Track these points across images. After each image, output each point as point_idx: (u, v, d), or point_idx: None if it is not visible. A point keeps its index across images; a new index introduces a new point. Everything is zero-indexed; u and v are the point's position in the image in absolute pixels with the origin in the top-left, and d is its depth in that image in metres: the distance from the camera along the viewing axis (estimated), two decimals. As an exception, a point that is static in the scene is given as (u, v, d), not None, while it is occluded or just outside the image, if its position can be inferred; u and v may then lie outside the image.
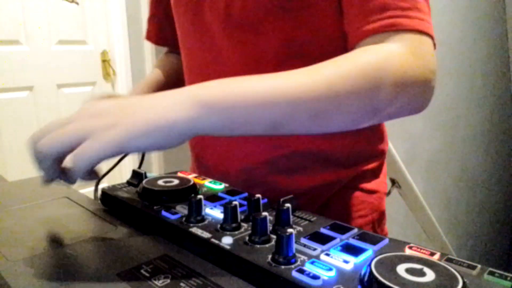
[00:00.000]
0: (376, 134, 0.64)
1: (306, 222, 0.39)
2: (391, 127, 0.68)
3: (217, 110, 0.39)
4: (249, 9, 0.53)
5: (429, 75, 0.46)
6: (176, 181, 0.47)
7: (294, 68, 0.52)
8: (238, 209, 0.37)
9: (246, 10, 0.53)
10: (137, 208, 0.43)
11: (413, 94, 0.46)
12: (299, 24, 0.52)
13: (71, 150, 0.37)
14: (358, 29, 0.48)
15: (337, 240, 0.34)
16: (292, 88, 0.41)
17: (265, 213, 0.35)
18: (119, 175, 1.28)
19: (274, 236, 0.35)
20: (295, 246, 0.32)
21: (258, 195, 0.40)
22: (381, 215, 0.63)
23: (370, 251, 0.32)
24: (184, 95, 0.40)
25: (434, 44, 0.49)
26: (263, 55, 0.55)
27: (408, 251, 0.32)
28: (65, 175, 0.39)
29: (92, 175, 0.41)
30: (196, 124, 0.39)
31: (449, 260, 0.30)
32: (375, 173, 0.65)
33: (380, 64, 0.44)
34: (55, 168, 0.38)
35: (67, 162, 0.38)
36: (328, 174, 0.60)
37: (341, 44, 0.52)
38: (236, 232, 0.36)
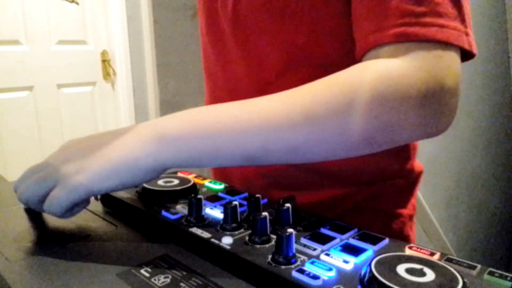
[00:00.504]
0: (398, 149, 0.52)
1: (306, 222, 0.39)
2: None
3: (182, 143, 0.38)
4: (255, 6, 0.51)
5: (442, 93, 0.39)
6: (176, 181, 0.47)
7: (297, 76, 0.50)
8: (238, 209, 0.37)
9: (252, 6, 0.51)
10: (137, 208, 0.43)
11: (420, 115, 0.39)
12: (301, 27, 0.49)
13: (47, 194, 0.39)
14: (364, 39, 0.42)
15: (337, 240, 0.34)
16: (264, 120, 0.38)
17: (265, 213, 0.35)
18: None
19: (274, 236, 0.35)
20: (295, 246, 0.32)
21: (258, 195, 0.40)
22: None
23: (370, 251, 0.32)
24: (146, 130, 0.39)
25: (471, 53, 0.42)
26: (266, 58, 0.53)
27: (408, 251, 0.32)
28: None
29: (77, 208, 0.41)
30: (161, 159, 0.38)
31: (449, 260, 0.30)
32: (400, 194, 0.58)
33: (355, 83, 0.38)
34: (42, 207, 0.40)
35: (44, 207, 0.39)
36: (332, 191, 0.55)
37: (349, 50, 0.46)
38: (236, 232, 0.36)
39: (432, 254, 0.31)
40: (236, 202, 0.38)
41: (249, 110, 0.39)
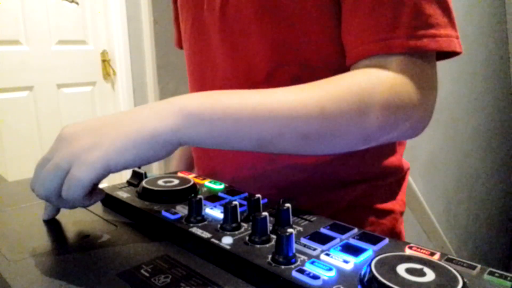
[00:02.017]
0: (385, 148, 0.58)
1: (306, 222, 0.39)
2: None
3: (203, 120, 0.38)
4: (242, 7, 0.52)
5: (427, 102, 0.45)
6: (176, 181, 0.47)
7: (285, 77, 0.51)
8: (238, 209, 0.37)
9: (239, 8, 0.52)
10: (137, 208, 0.43)
11: (405, 119, 0.44)
12: (291, 27, 0.50)
13: (63, 183, 0.37)
14: (356, 48, 0.46)
15: (337, 240, 0.34)
16: (283, 107, 0.40)
17: (265, 213, 0.35)
18: (119, 175, 1.28)
19: (274, 236, 0.35)
20: (295, 246, 0.32)
21: (258, 195, 0.40)
22: (395, 238, 0.58)
23: (370, 251, 0.32)
24: (168, 105, 0.39)
25: (456, 52, 0.45)
26: (254, 59, 0.53)
27: (408, 251, 0.32)
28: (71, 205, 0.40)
29: (95, 197, 0.40)
30: (180, 133, 0.38)
31: (449, 260, 0.30)
32: (390, 192, 0.60)
33: (369, 89, 0.42)
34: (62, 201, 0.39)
35: (63, 195, 0.37)
36: (329, 193, 0.56)
37: (338, 51, 0.50)
38: (236, 232, 0.36)
39: (432, 254, 0.31)
40: (236, 202, 0.38)
41: (267, 96, 0.41)
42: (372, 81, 0.43)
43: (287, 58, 0.52)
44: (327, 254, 0.32)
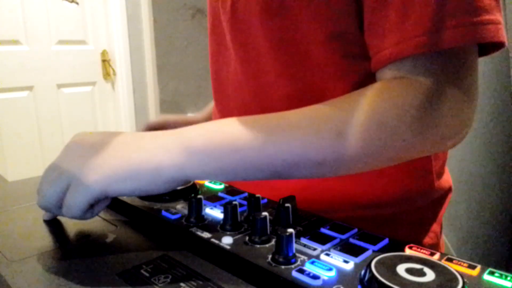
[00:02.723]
0: (412, 166, 0.49)
1: (306, 222, 0.39)
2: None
3: (210, 157, 0.36)
4: (250, 8, 0.50)
5: (461, 116, 0.40)
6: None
7: (298, 74, 0.49)
8: (238, 209, 0.37)
9: (248, 8, 0.50)
10: (137, 208, 0.43)
11: (438, 137, 0.39)
12: (299, 26, 0.48)
13: (63, 196, 0.37)
14: (383, 50, 0.40)
15: (337, 240, 0.34)
16: (295, 137, 0.37)
17: (265, 213, 0.35)
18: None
19: (274, 236, 0.35)
20: (295, 246, 0.32)
21: (258, 195, 0.40)
22: None
23: (370, 251, 0.32)
24: (170, 138, 0.37)
25: (502, 43, 0.38)
26: (264, 59, 0.51)
27: (408, 251, 0.32)
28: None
29: (97, 208, 0.39)
30: (185, 171, 0.36)
31: (449, 260, 0.30)
32: (420, 219, 0.53)
33: (395, 110, 0.37)
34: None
35: (63, 212, 0.37)
36: (346, 216, 0.49)
37: (349, 52, 0.46)
38: (236, 232, 0.36)
39: (432, 254, 0.31)
40: (236, 202, 0.38)
41: (276, 124, 0.38)
42: (400, 102, 0.37)
43: (294, 58, 0.49)
44: (327, 254, 0.32)
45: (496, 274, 0.28)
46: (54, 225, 0.43)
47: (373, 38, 0.41)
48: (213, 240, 0.35)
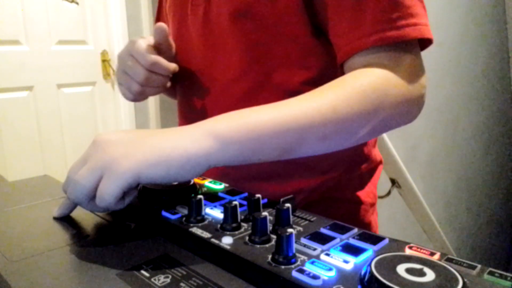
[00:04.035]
0: None
1: (306, 222, 0.39)
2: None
3: (232, 142, 0.40)
4: (221, 12, 0.57)
5: (422, 90, 0.49)
6: (176, 181, 0.47)
7: (258, 73, 0.57)
8: (238, 209, 0.37)
9: (219, 13, 0.57)
10: (137, 208, 0.43)
11: (407, 111, 0.49)
12: (263, 30, 0.55)
13: (96, 187, 0.38)
14: (344, 47, 0.50)
15: (337, 240, 0.34)
16: (301, 115, 0.43)
17: (265, 213, 0.35)
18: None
19: (274, 236, 0.35)
20: (295, 246, 0.32)
21: (258, 195, 0.40)
22: (366, 228, 0.60)
23: (370, 251, 0.32)
24: (198, 129, 0.40)
25: (430, 40, 0.50)
26: (230, 58, 0.58)
27: (408, 251, 0.32)
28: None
29: (128, 198, 0.40)
30: (212, 157, 0.39)
31: (449, 260, 0.30)
32: (360, 182, 0.63)
33: (380, 88, 0.46)
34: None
35: (96, 202, 0.38)
36: (299, 181, 0.59)
37: (310, 52, 0.55)
38: (236, 232, 0.36)
39: (432, 254, 0.31)
40: (236, 202, 0.38)
41: (284, 108, 0.43)
42: (381, 80, 0.46)
43: (259, 57, 0.56)
44: (327, 254, 0.32)
45: (496, 274, 0.28)
46: (54, 225, 0.43)
47: (336, 38, 0.51)
48: (213, 240, 0.35)
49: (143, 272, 0.32)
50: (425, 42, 0.51)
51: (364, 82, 0.46)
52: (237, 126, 0.41)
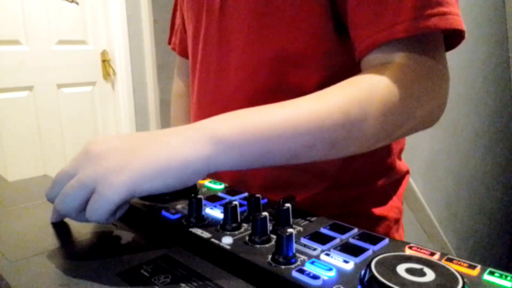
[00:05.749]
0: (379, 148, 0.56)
1: (306, 222, 0.39)
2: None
3: (234, 145, 0.37)
4: (239, 8, 0.54)
5: (443, 98, 0.46)
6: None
7: (279, 71, 0.53)
8: (238, 209, 0.37)
9: (237, 9, 0.54)
10: (137, 208, 0.43)
11: (426, 113, 0.45)
12: (281, 26, 0.52)
13: (87, 200, 0.36)
14: (362, 42, 0.46)
15: (337, 240, 0.34)
16: (309, 119, 0.40)
17: (265, 213, 0.35)
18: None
19: (274, 236, 0.35)
20: (295, 246, 0.32)
21: (258, 195, 0.40)
22: None
23: (370, 251, 0.32)
24: (197, 131, 0.38)
25: (463, 34, 0.45)
26: (245, 55, 0.55)
27: (408, 251, 0.32)
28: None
29: (119, 212, 0.38)
30: (212, 162, 0.37)
31: (449, 260, 0.30)
32: (383, 195, 0.58)
33: (391, 89, 0.42)
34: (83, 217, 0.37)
35: (87, 215, 0.36)
36: (316, 194, 0.55)
37: (327, 49, 0.51)
38: (236, 232, 0.36)
39: (432, 254, 0.31)
40: (236, 202, 0.38)
41: (292, 111, 0.40)
42: (392, 80, 0.43)
43: (274, 55, 0.53)
44: (327, 254, 0.32)
45: (496, 274, 0.28)
46: (54, 225, 0.43)
47: (356, 31, 0.47)
48: (213, 240, 0.35)
49: (143, 272, 0.32)
50: (455, 37, 0.47)
51: (373, 83, 0.42)
52: (242, 129, 0.38)
